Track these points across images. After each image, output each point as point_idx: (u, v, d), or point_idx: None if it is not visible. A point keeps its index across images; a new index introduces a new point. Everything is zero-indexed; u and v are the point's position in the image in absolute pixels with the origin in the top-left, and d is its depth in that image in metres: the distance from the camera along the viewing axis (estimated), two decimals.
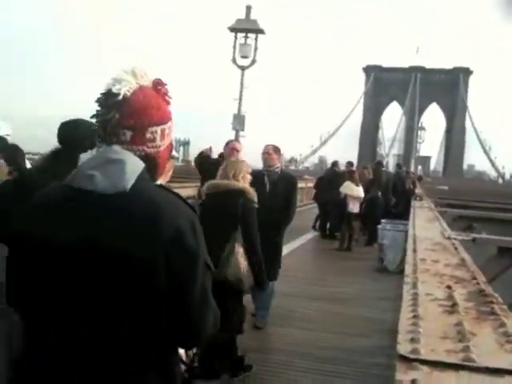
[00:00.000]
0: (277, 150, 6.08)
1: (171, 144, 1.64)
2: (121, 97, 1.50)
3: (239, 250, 4.25)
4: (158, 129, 1.56)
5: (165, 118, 1.59)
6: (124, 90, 1.51)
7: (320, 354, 5.21)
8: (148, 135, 1.53)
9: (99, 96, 1.53)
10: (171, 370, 1.53)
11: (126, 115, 1.50)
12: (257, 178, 5.76)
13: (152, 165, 1.55)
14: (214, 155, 6.79)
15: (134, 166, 1.48)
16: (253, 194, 4.36)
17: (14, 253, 1.49)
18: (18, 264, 1.48)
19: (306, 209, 18.18)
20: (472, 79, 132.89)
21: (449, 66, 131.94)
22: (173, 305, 1.44)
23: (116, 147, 1.50)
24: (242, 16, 18.86)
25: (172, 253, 1.41)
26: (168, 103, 1.62)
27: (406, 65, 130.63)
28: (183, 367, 1.63)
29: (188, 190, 6.75)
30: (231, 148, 6.22)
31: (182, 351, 1.63)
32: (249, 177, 4.48)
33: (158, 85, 1.60)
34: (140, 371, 1.45)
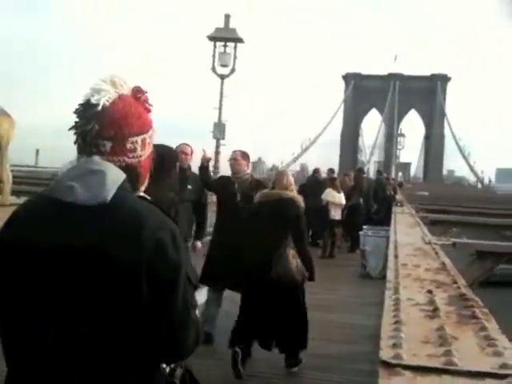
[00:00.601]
0: (245, 155, 5.72)
1: (152, 153, 1.63)
2: (100, 107, 1.49)
3: (290, 252, 4.80)
4: (139, 139, 1.55)
5: (146, 127, 1.58)
6: (103, 100, 1.50)
7: (304, 361, 5.20)
8: (128, 145, 1.52)
9: (77, 107, 1.52)
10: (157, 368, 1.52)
11: (106, 126, 1.49)
12: (226, 186, 5.58)
13: (133, 175, 1.54)
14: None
15: (115, 177, 1.47)
16: (301, 201, 5.00)
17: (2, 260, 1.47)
18: (9, 270, 1.45)
19: None
20: (450, 86, 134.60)
21: (427, 72, 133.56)
22: (154, 317, 1.43)
23: (96, 158, 1.48)
24: (221, 25, 18.95)
25: (153, 262, 1.41)
26: (149, 111, 1.61)
27: (384, 72, 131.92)
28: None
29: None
30: (179, 152, 5.76)
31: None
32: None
33: (137, 92, 1.59)
34: (140, 371, 1.45)
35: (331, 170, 14.09)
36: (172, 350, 1.53)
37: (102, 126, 1.49)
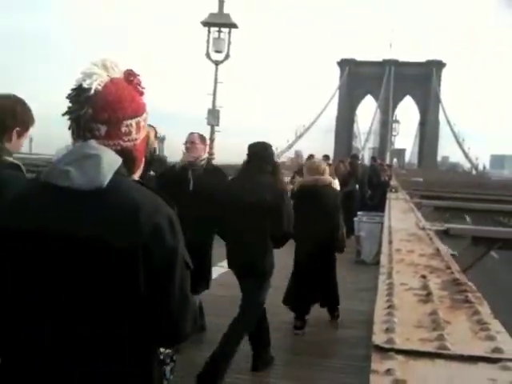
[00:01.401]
0: (203, 139, 5.28)
1: (147, 137, 1.62)
2: (92, 91, 1.48)
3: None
4: (133, 122, 1.54)
5: (139, 110, 1.57)
6: (95, 84, 1.48)
7: (301, 347, 5.23)
8: (123, 129, 1.51)
9: (70, 92, 1.51)
10: (155, 367, 1.53)
11: (100, 110, 1.48)
12: (178, 173, 5.06)
13: (129, 159, 1.53)
14: None
15: (111, 161, 1.46)
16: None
17: None
18: (2, 258, 1.44)
19: None
20: (445, 72, 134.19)
21: (422, 58, 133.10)
22: (152, 303, 1.43)
23: (92, 142, 1.47)
24: (215, 10, 18.77)
25: (150, 246, 1.40)
26: (141, 94, 1.60)
27: (379, 58, 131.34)
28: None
29: None
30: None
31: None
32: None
33: (129, 76, 1.57)
34: (140, 371, 1.45)
35: (326, 157, 14.06)
36: (168, 335, 1.53)
37: (96, 110, 1.48)
